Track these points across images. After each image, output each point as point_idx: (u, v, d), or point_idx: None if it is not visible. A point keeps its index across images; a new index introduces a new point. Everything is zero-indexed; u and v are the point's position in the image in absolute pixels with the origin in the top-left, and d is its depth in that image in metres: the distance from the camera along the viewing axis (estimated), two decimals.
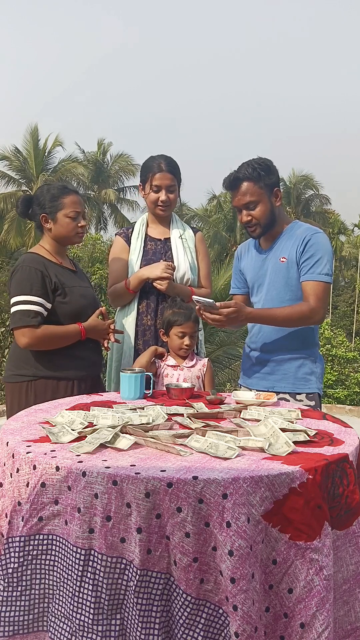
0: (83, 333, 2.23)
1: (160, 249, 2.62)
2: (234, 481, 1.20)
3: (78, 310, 2.26)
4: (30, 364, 2.19)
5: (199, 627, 1.20)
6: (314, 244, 2.17)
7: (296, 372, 2.24)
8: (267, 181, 2.19)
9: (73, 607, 1.23)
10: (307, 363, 2.25)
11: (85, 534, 1.23)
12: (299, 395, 2.22)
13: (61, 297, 2.22)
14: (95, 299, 2.43)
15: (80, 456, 1.33)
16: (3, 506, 1.41)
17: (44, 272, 2.19)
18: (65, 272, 2.31)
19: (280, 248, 2.26)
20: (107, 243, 22.35)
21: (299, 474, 1.26)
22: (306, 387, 2.23)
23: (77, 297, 2.27)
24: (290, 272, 2.21)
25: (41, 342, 2.15)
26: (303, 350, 2.25)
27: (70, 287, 2.26)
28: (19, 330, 2.13)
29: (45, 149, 23.86)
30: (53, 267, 2.26)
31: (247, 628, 1.16)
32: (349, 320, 30.58)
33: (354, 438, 1.56)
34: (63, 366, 2.21)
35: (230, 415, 1.77)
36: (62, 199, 2.27)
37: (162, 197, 2.54)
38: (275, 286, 2.26)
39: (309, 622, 1.23)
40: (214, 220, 26.03)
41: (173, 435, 1.48)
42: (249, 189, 2.18)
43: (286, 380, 2.24)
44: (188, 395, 2.03)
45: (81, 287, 2.35)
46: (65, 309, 2.22)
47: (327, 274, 2.15)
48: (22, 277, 2.18)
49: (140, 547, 1.19)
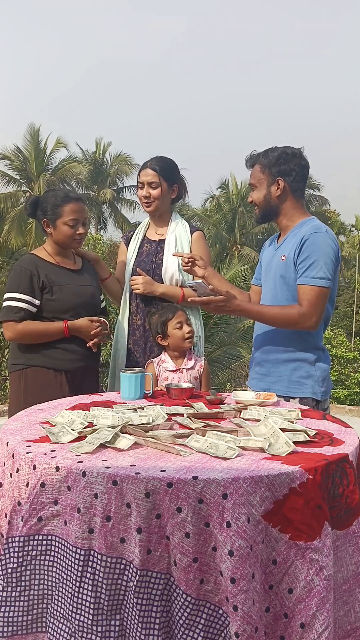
0: (66, 331, 2.31)
1: (153, 250, 2.67)
2: (234, 481, 1.20)
3: (66, 308, 2.35)
4: (21, 354, 2.36)
5: (199, 627, 1.20)
6: (310, 245, 2.08)
7: (291, 375, 2.17)
8: (275, 169, 2.17)
9: (72, 607, 1.23)
10: (303, 366, 2.16)
11: (85, 534, 1.22)
12: (292, 399, 2.14)
13: (49, 294, 2.33)
14: (93, 297, 2.49)
15: (80, 456, 1.33)
16: (3, 506, 1.41)
17: (33, 272, 2.33)
18: (60, 271, 2.41)
19: (286, 245, 2.21)
20: (107, 243, 22.34)
21: (299, 474, 1.26)
22: (300, 390, 2.15)
23: (68, 295, 2.36)
24: (288, 271, 2.15)
25: (21, 336, 2.31)
26: (300, 353, 2.17)
27: (61, 285, 2.36)
28: (4, 324, 2.33)
29: (45, 149, 23.86)
30: (46, 267, 2.38)
31: (247, 628, 1.16)
32: (349, 320, 30.57)
33: (354, 438, 1.56)
34: (50, 357, 2.32)
35: (230, 415, 1.77)
36: (62, 207, 2.36)
37: (143, 193, 2.59)
38: (274, 284, 2.22)
39: (309, 622, 1.23)
40: (214, 221, 26.02)
41: (173, 435, 1.48)
42: (254, 172, 2.24)
43: (280, 382, 2.19)
44: (188, 395, 2.03)
45: (77, 285, 2.42)
46: (52, 306, 2.33)
47: (322, 277, 2.05)
48: (13, 275, 2.36)
49: (140, 547, 1.19)
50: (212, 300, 2.06)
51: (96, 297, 2.52)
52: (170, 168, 2.61)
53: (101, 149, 27.62)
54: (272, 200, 2.21)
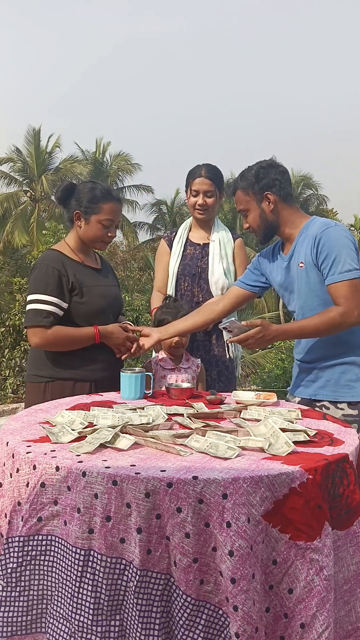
0: (97, 337, 2.16)
1: (198, 254, 2.76)
2: (234, 481, 1.19)
3: (95, 311, 2.21)
4: (47, 366, 2.18)
5: (199, 628, 1.20)
6: (325, 242, 2.00)
7: (339, 379, 2.08)
8: (257, 187, 2.10)
9: (72, 608, 1.23)
10: (352, 369, 2.07)
11: (84, 534, 1.22)
12: (340, 404, 2.06)
13: (78, 297, 2.17)
14: (116, 299, 2.36)
15: (80, 456, 1.33)
16: (3, 506, 1.40)
17: (62, 271, 2.15)
18: (86, 271, 2.25)
19: (298, 252, 2.12)
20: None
21: (299, 474, 1.26)
22: (349, 394, 2.06)
23: (96, 298, 2.21)
24: (310, 276, 2.06)
25: (52, 344, 2.13)
26: (347, 356, 2.08)
27: (89, 286, 2.21)
28: (30, 330, 2.12)
29: (46, 149, 23.87)
30: (73, 266, 2.21)
31: (247, 628, 1.16)
32: None
33: (354, 438, 1.56)
34: (79, 368, 2.17)
35: (230, 415, 1.77)
36: (101, 203, 2.20)
37: (199, 201, 2.69)
38: (301, 294, 2.13)
39: (309, 622, 1.23)
40: None
41: (173, 435, 1.48)
42: (239, 198, 2.17)
43: (328, 387, 2.09)
44: (188, 395, 2.03)
45: (102, 286, 2.28)
46: (81, 310, 2.17)
47: (350, 270, 1.96)
48: (39, 275, 2.15)
49: (140, 547, 1.19)
50: (250, 335, 1.96)
51: (119, 298, 2.40)
52: (221, 177, 2.75)
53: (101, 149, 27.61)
54: (268, 216, 2.13)
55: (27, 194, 23.16)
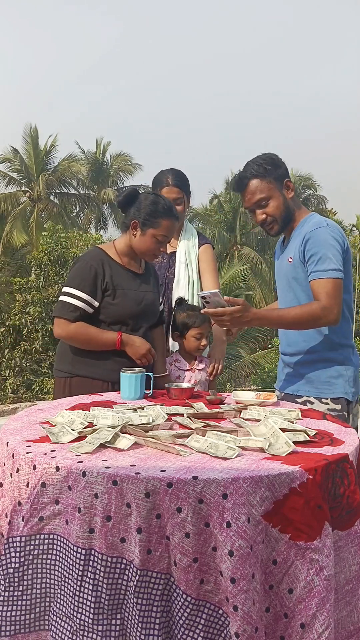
0: (118, 344, 2.16)
1: (165, 264, 2.69)
2: (234, 481, 1.19)
3: (126, 314, 2.22)
4: (68, 361, 2.23)
5: (199, 627, 1.20)
6: (313, 241, 2.02)
7: (320, 376, 2.09)
8: (275, 174, 2.09)
9: (74, 606, 1.23)
10: (333, 365, 2.09)
11: (85, 533, 1.22)
12: (324, 399, 2.07)
13: (110, 297, 2.19)
14: (153, 305, 2.35)
15: (80, 456, 1.33)
16: (3, 506, 1.41)
17: (99, 270, 2.19)
18: (125, 274, 2.27)
19: (290, 247, 2.15)
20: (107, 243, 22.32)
21: (299, 474, 1.26)
22: (330, 391, 2.07)
23: (129, 301, 2.22)
24: (297, 272, 2.09)
25: (71, 338, 2.18)
26: (329, 352, 2.10)
27: (124, 289, 2.22)
28: (56, 320, 2.19)
29: (45, 149, 23.87)
30: (112, 267, 2.23)
31: (247, 628, 1.16)
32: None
33: (354, 438, 1.56)
34: (98, 366, 2.19)
35: (230, 415, 1.77)
36: (162, 219, 2.21)
37: None
38: (288, 287, 2.15)
39: (309, 622, 1.23)
40: (215, 221, 26.00)
41: (173, 435, 1.48)
42: (257, 186, 2.09)
43: (310, 383, 2.11)
44: (188, 395, 2.03)
45: (139, 291, 2.28)
46: (111, 311, 2.20)
47: (333, 269, 1.98)
48: (77, 270, 2.23)
49: (140, 547, 1.19)
50: (227, 312, 1.92)
51: (156, 303, 2.39)
52: (187, 181, 2.66)
53: (101, 149, 27.60)
54: (289, 204, 2.13)
55: (26, 194, 23.16)
